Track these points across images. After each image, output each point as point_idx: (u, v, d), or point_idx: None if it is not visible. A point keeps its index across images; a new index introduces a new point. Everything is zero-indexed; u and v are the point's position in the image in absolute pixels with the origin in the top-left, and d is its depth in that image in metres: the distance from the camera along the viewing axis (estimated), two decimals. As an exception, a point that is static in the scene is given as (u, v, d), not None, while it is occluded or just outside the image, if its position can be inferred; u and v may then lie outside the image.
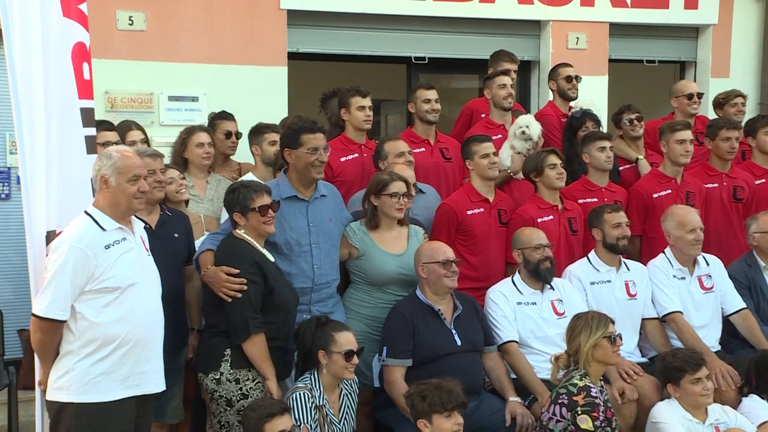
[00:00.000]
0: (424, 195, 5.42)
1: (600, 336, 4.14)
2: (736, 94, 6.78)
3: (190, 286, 4.70)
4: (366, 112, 5.60)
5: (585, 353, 4.13)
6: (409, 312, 4.55)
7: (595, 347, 4.14)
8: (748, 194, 5.94)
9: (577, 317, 4.30)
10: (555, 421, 4.04)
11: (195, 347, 4.59)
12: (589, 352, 4.13)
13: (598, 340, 4.14)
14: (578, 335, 4.17)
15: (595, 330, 4.15)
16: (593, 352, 4.14)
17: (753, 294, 5.31)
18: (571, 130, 6.15)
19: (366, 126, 5.65)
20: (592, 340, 4.13)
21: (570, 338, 4.23)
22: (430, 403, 3.82)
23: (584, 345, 4.13)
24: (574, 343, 4.18)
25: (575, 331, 4.20)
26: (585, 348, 4.13)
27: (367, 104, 5.61)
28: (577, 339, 4.17)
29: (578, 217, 5.46)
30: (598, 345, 4.14)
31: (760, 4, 8.61)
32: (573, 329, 4.23)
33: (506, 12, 7.87)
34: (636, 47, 8.54)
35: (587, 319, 4.21)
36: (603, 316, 4.25)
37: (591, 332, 4.14)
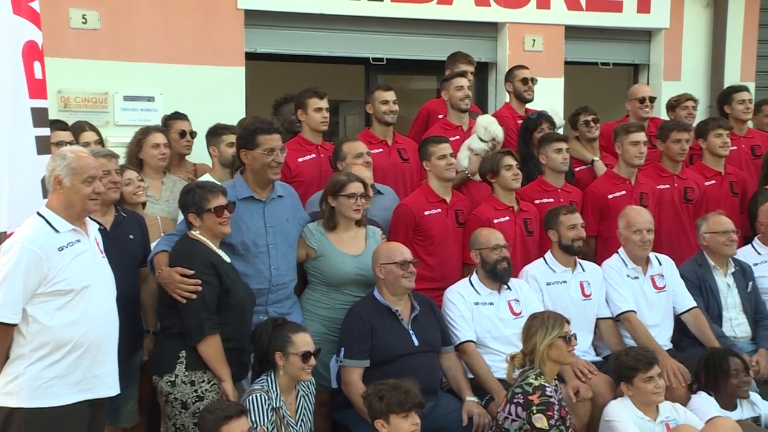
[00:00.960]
0: (382, 196, 5.43)
1: (555, 336, 4.18)
2: (687, 98, 6.91)
3: (145, 288, 4.65)
4: (323, 113, 5.61)
5: (540, 353, 4.17)
6: (367, 313, 4.55)
7: (551, 347, 4.17)
8: (698, 195, 6.05)
9: (533, 317, 4.33)
10: (511, 420, 4.07)
11: (150, 350, 4.54)
12: (544, 351, 4.16)
13: (554, 339, 4.17)
14: (534, 335, 4.21)
15: (550, 330, 4.19)
16: (548, 351, 4.17)
17: (703, 293, 5.39)
18: (526, 131, 6.20)
19: (323, 127, 5.64)
20: (548, 340, 4.17)
21: (526, 338, 4.27)
22: (388, 403, 3.83)
23: (540, 344, 4.17)
24: (530, 342, 4.21)
25: (531, 330, 4.24)
26: (541, 347, 4.17)
27: (324, 106, 5.61)
28: (533, 338, 4.20)
29: (534, 218, 5.52)
30: (553, 345, 4.17)
31: (708, 10, 8.79)
32: (529, 329, 4.26)
33: (463, 14, 7.93)
34: (591, 50, 8.66)
35: (543, 319, 4.25)
36: (558, 316, 4.29)
37: (547, 332, 4.18)
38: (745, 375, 4.68)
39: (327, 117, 5.64)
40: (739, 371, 4.65)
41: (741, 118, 6.66)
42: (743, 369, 4.68)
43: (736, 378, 4.64)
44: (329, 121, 5.75)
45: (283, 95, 6.17)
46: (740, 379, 4.65)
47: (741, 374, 4.65)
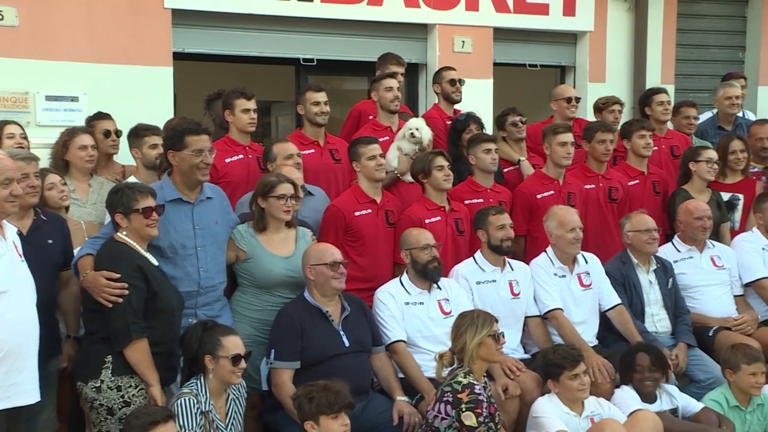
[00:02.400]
0: (313, 197, 5.42)
1: (485, 334, 4.21)
2: (614, 101, 7.07)
3: (66, 292, 4.56)
4: (250, 114, 5.57)
5: (470, 351, 4.19)
6: (297, 314, 4.54)
7: (480, 345, 4.20)
8: (622, 194, 6.19)
9: (463, 316, 4.36)
10: (440, 418, 4.09)
11: (71, 356, 4.45)
12: (474, 350, 4.19)
13: (483, 338, 4.21)
14: (464, 333, 4.23)
15: (480, 328, 4.22)
16: (478, 350, 4.20)
17: (627, 290, 5.50)
18: (455, 132, 6.27)
19: (250, 129, 5.61)
20: (478, 339, 4.20)
21: (455, 336, 4.29)
22: (317, 404, 3.82)
23: (470, 343, 4.20)
24: (460, 340, 4.24)
25: (461, 329, 4.26)
26: (470, 346, 4.19)
27: (251, 107, 5.57)
28: (463, 337, 4.23)
29: (465, 217, 5.57)
30: (482, 343, 4.20)
31: (630, 14, 9.01)
32: (458, 327, 4.29)
33: (393, 15, 7.96)
34: (519, 52, 8.78)
35: (473, 318, 4.28)
36: (488, 315, 4.33)
37: (476, 330, 4.21)
38: (651, 371, 4.79)
39: (254, 118, 5.60)
40: (644, 367, 4.77)
41: (660, 120, 6.84)
42: (649, 365, 4.79)
43: (640, 373, 4.76)
44: (260, 122, 5.71)
45: (216, 90, 6.10)
46: (643, 375, 4.77)
47: (646, 370, 4.77)
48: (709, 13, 9.58)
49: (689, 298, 5.76)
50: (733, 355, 4.93)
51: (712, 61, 9.41)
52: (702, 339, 5.57)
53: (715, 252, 5.88)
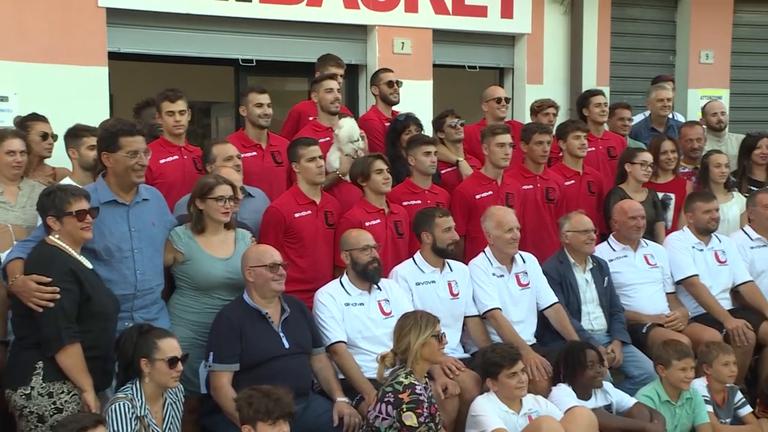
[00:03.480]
0: (253, 198, 5.39)
1: (429, 335, 4.23)
2: (549, 105, 7.18)
3: (-8, 297, 4.43)
4: (175, 117, 5.49)
5: (414, 352, 4.20)
6: (236, 316, 4.50)
7: (424, 345, 4.21)
8: (559, 195, 6.29)
9: (406, 317, 4.37)
10: (381, 419, 4.09)
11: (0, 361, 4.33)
12: (418, 350, 4.20)
13: (427, 338, 4.22)
14: (408, 334, 4.23)
15: (424, 329, 4.23)
16: (421, 350, 4.21)
17: (563, 289, 5.57)
18: (394, 133, 6.29)
19: (176, 131, 5.53)
20: (422, 339, 4.20)
21: (399, 337, 4.29)
22: (255, 410, 3.77)
23: (414, 344, 4.20)
24: (404, 341, 4.24)
25: (404, 329, 4.26)
26: (415, 347, 4.20)
27: (176, 109, 5.49)
28: (407, 338, 4.23)
29: (404, 220, 5.59)
30: (426, 343, 4.21)
31: (567, 17, 9.17)
32: (402, 328, 4.29)
33: (333, 16, 7.97)
34: (458, 53, 8.88)
35: (416, 319, 4.29)
36: (431, 316, 4.34)
37: (420, 331, 4.22)
38: (600, 366, 4.90)
39: (180, 120, 5.51)
40: (594, 363, 4.86)
41: (598, 121, 6.96)
42: (598, 360, 4.90)
43: (592, 369, 4.84)
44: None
45: (144, 99, 6.00)
46: (596, 370, 4.85)
47: (596, 366, 4.86)
48: (641, 17, 9.83)
49: (624, 296, 5.87)
50: (665, 351, 5.04)
51: (644, 63, 9.64)
52: (636, 336, 5.68)
53: (648, 251, 5.99)
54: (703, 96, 9.61)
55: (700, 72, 9.79)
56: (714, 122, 7.53)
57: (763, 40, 9.45)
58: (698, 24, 9.74)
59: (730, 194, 6.69)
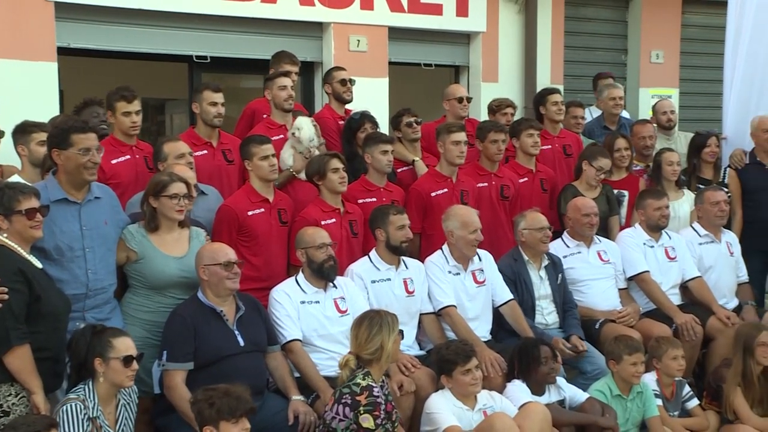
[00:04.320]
0: (206, 197, 5.35)
1: (396, 334, 4.23)
2: (507, 104, 7.23)
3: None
4: (132, 117, 5.41)
5: (389, 351, 4.18)
6: (190, 314, 4.47)
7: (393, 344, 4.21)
8: (514, 192, 6.34)
9: (371, 317, 4.29)
10: (338, 420, 4.07)
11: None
12: (393, 349, 4.19)
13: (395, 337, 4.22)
14: (378, 334, 4.19)
15: (392, 328, 4.23)
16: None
17: (518, 287, 5.62)
18: (350, 131, 6.29)
19: (133, 132, 5.45)
20: (392, 337, 4.21)
21: (367, 338, 4.21)
22: (218, 410, 3.74)
23: (388, 343, 4.18)
24: (374, 341, 4.18)
25: (373, 330, 4.21)
26: (389, 347, 4.18)
27: (132, 109, 5.41)
28: (378, 338, 4.18)
29: (359, 219, 5.60)
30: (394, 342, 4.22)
31: (521, 16, 9.25)
32: (370, 328, 4.22)
33: (288, 13, 7.93)
34: (414, 51, 8.89)
35: (382, 317, 4.26)
36: (393, 314, 4.33)
37: (390, 330, 4.21)
38: (553, 362, 4.96)
39: (136, 121, 5.43)
40: (548, 359, 4.92)
41: (554, 119, 7.02)
42: (552, 357, 4.96)
43: (545, 365, 4.90)
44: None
45: (84, 99, 5.89)
46: (549, 366, 4.92)
47: (550, 361, 4.93)
48: (594, 16, 9.96)
49: (577, 291, 5.95)
50: (616, 346, 5.12)
51: (597, 63, 9.76)
52: (589, 331, 5.76)
53: (601, 247, 6.07)
54: (653, 95, 9.78)
55: (650, 71, 9.96)
56: (664, 121, 7.66)
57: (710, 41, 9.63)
58: (648, 24, 9.91)
59: (681, 192, 6.80)
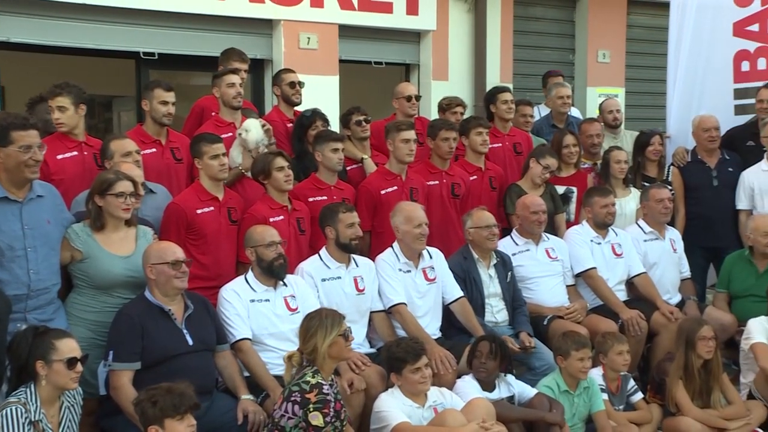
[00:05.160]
0: (155, 195, 5.29)
1: (336, 334, 4.21)
2: (457, 103, 7.25)
3: None
4: (55, 114, 5.27)
5: (322, 353, 4.18)
6: (137, 313, 4.41)
7: (331, 345, 4.19)
8: (464, 190, 6.38)
9: (311, 318, 4.31)
10: (287, 418, 4.05)
11: None
12: (326, 351, 4.18)
13: (334, 338, 4.21)
14: (314, 335, 4.19)
15: (330, 329, 4.20)
16: (329, 350, 4.19)
17: (468, 285, 5.65)
18: (301, 128, 6.27)
19: (63, 129, 5.33)
20: (329, 340, 4.18)
21: (305, 338, 4.24)
22: (162, 407, 3.70)
23: (321, 345, 4.16)
24: (310, 342, 4.19)
25: (310, 331, 4.22)
26: (322, 349, 4.17)
27: (55, 105, 5.27)
28: (313, 339, 4.18)
29: (306, 217, 5.59)
30: (333, 343, 4.19)
31: (471, 14, 9.32)
32: (308, 329, 4.23)
33: (237, 10, 7.89)
34: (364, 49, 8.91)
35: (321, 319, 4.25)
36: (336, 314, 4.32)
37: (327, 332, 4.19)
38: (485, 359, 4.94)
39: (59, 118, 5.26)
40: (482, 353, 4.95)
41: (504, 117, 7.07)
42: (489, 353, 4.95)
43: (477, 360, 4.94)
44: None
45: (39, 93, 5.78)
46: (480, 361, 4.94)
47: (482, 357, 4.94)
48: (542, 16, 10.08)
49: (526, 289, 6.01)
50: (564, 342, 5.18)
51: (546, 62, 9.88)
52: (537, 328, 5.82)
53: (549, 244, 6.15)
54: (600, 94, 9.93)
55: (597, 71, 10.11)
56: (610, 119, 7.78)
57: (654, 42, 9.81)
58: (595, 24, 10.06)
59: (628, 189, 6.92)
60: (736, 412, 5.39)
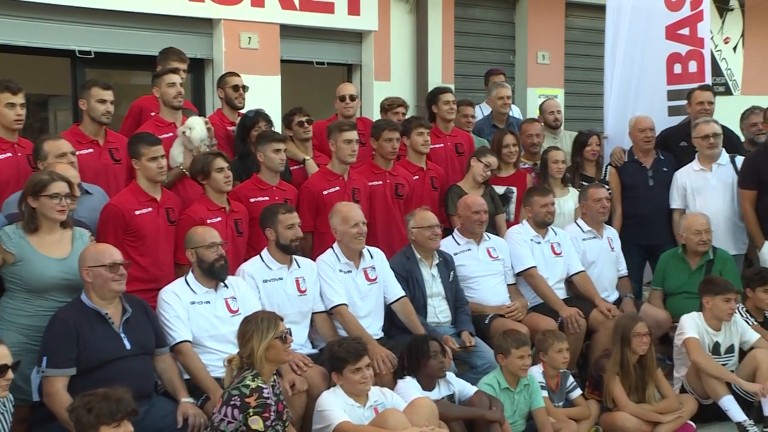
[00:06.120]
0: (91, 196, 5.21)
1: (272, 338, 4.19)
2: (398, 103, 7.30)
3: None
4: (17, 110, 5.21)
5: (259, 357, 4.15)
6: (73, 318, 4.33)
7: (268, 349, 4.16)
8: (408, 190, 6.41)
9: (247, 321, 4.28)
10: (227, 422, 4.01)
11: None
12: (262, 355, 4.16)
13: (270, 341, 4.18)
14: (250, 339, 4.17)
15: (266, 333, 4.18)
16: (266, 353, 4.16)
17: (410, 284, 5.67)
18: (244, 129, 6.23)
19: (16, 126, 5.26)
20: (265, 343, 4.16)
21: (242, 342, 4.22)
22: (97, 414, 3.63)
23: (258, 349, 4.14)
24: (247, 347, 4.17)
25: (247, 335, 4.20)
26: (259, 353, 4.15)
27: (18, 101, 5.22)
28: (250, 343, 4.16)
29: (244, 218, 5.57)
30: (270, 346, 4.17)
31: (412, 15, 9.36)
32: (244, 333, 4.21)
33: (176, 9, 7.79)
34: (306, 49, 8.88)
35: (257, 323, 4.22)
36: (272, 317, 4.29)
37: (262, 335, 4.16)
38: (442, 357, 5.03)
39: (21, 114, 5.24)
40: (437, 353, 4.99)
41: (446, 118, 7.11)
42: (441, 351, 5.03)
43: (435, 359, 4.97)
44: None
45: None
46: (439, 360, 4.99)
47: (439, 356, 4.99)
48: (482, 17, 10.17)
49: (468, 288, 6.05)
50: (504, 340, 5.25)
51: (487, 62, 9.95)
52: (479, 327, 5.87)
53: (490, 244, 6.21)
54: (540, 94, 10.08)
55: (537, 72, 10.24)
56: (551, 120, 7.90)
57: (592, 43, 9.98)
58: (535, 26, 10.19)
59: (566, 189, 7.03)
60: (669, 406, 5.53)
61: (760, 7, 11.59)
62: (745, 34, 11.71)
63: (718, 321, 5.78)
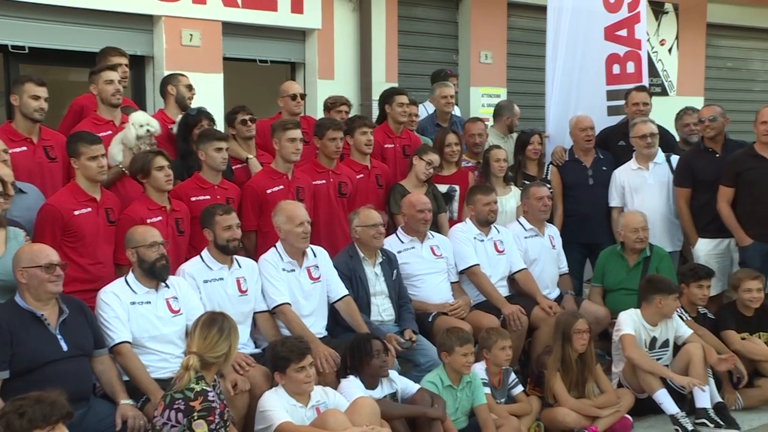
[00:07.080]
0: (25, 195, 5.10)
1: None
2: (342, 102, 7.29)
3: None
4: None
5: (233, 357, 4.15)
6: (6, 319, 4.23)
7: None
8: (351, 189, 6.41)
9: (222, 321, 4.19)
10: (170, 426, 3.95)
11: None
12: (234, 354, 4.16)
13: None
14: (227, 339, 4.12)
15: (237, 334, 4.19)
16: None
17: (353, 283, 5.68)
18: (186, 127, 6.15)
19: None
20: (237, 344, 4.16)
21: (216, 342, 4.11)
22: (30, 418, 3.52)
23: (234, 350, 4.15)
24: (222, 346, 4.11)
25: (223, 334, 4.12)
26: (234, 353, 4.16)
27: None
28: (227, 342, 4.12)
29: (185, 217, 5.51)
30: None
31: (356, 14, 9.35)
32: (221, 333, 4.12)
33: (116, 4, 7.64)
34: (249, 47, 8.81)
35: (230, 321, 4.20)
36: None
37: (237, 337, 4.17)
38: (385, 355, 5.04)
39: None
40: (380, 352, 5.00)
41: (398, 120, 7.14)
42: (383, 350, 5.04)
43: (377, 358, 4.98)
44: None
45: None
46: (381, 359, 5.00)
47: (381, 355, 5.01)
48: (426, 16, 10.20)
49: (411, 286, 6.09)
50: (448, 338, 5.28)
51: (430, 62, 9.99)
52: (422, 325, 5.90)
53: (434, 242, 6.24)
54: (483, 94, 10.17)
55: (480, 71, 10.31)
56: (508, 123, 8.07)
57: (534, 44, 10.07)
58: (477, 26, 10.26)
59: (508, 187, 7.11)
60: (607, 401, 5.64)
61: (693, 10, 11.88)
62: (679, 36, 11.98)
63: (662, 318, 5.90)
